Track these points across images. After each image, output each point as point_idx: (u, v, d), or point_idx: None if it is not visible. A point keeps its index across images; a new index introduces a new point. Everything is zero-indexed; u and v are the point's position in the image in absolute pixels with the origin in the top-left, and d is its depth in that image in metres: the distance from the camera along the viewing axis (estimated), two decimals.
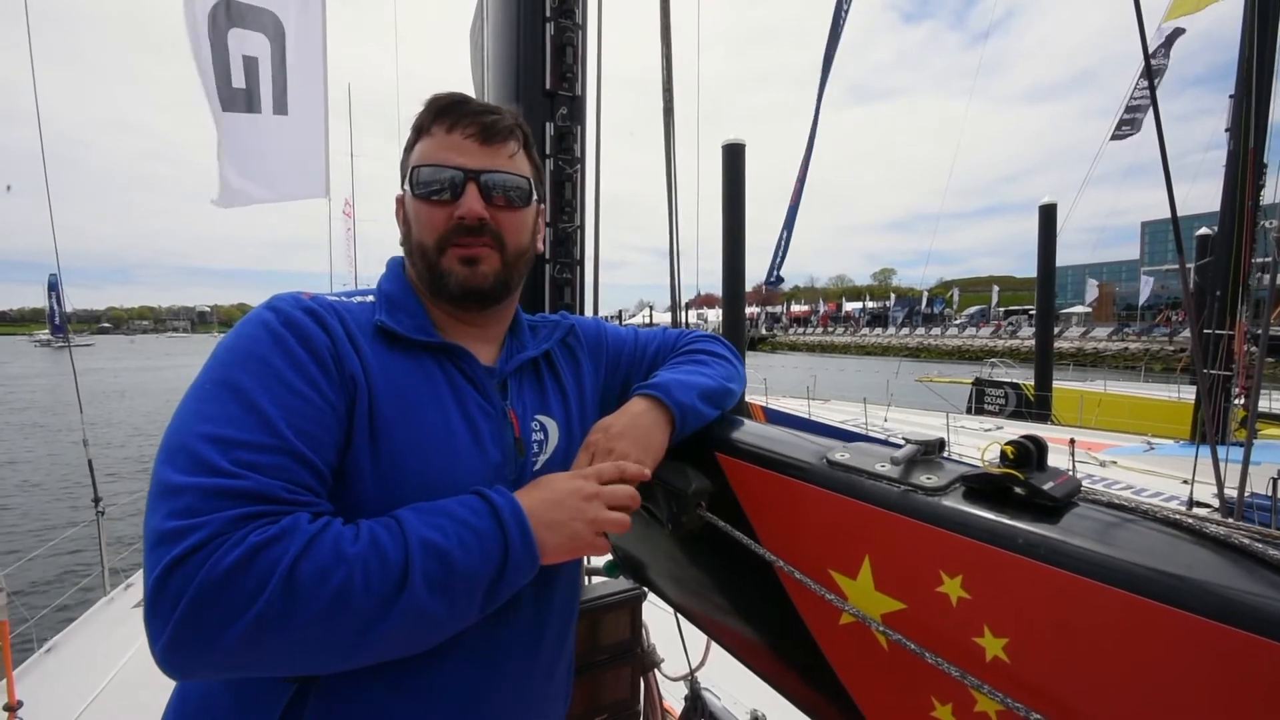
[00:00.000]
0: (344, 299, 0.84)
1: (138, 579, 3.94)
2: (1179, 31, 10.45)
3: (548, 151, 1.43)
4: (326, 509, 0.69)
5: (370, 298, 0.87)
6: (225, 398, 0.68)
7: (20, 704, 2.37)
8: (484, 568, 0.69)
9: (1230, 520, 0.56)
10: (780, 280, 10.09)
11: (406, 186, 0.86)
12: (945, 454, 0.79)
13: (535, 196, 0.92)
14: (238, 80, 3.18)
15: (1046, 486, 0.63)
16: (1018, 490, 0.65)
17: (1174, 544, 0.55)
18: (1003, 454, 0.67)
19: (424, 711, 0.77)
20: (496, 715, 0.84)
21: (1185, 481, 5.72)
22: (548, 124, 1.43)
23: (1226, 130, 7.52)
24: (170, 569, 0.58)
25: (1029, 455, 0.65)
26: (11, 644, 2.57)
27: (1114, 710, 0.54)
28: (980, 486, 0.68)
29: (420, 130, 0.86)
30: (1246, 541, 0.51)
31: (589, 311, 1.56)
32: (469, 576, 0.68)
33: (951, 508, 0.67)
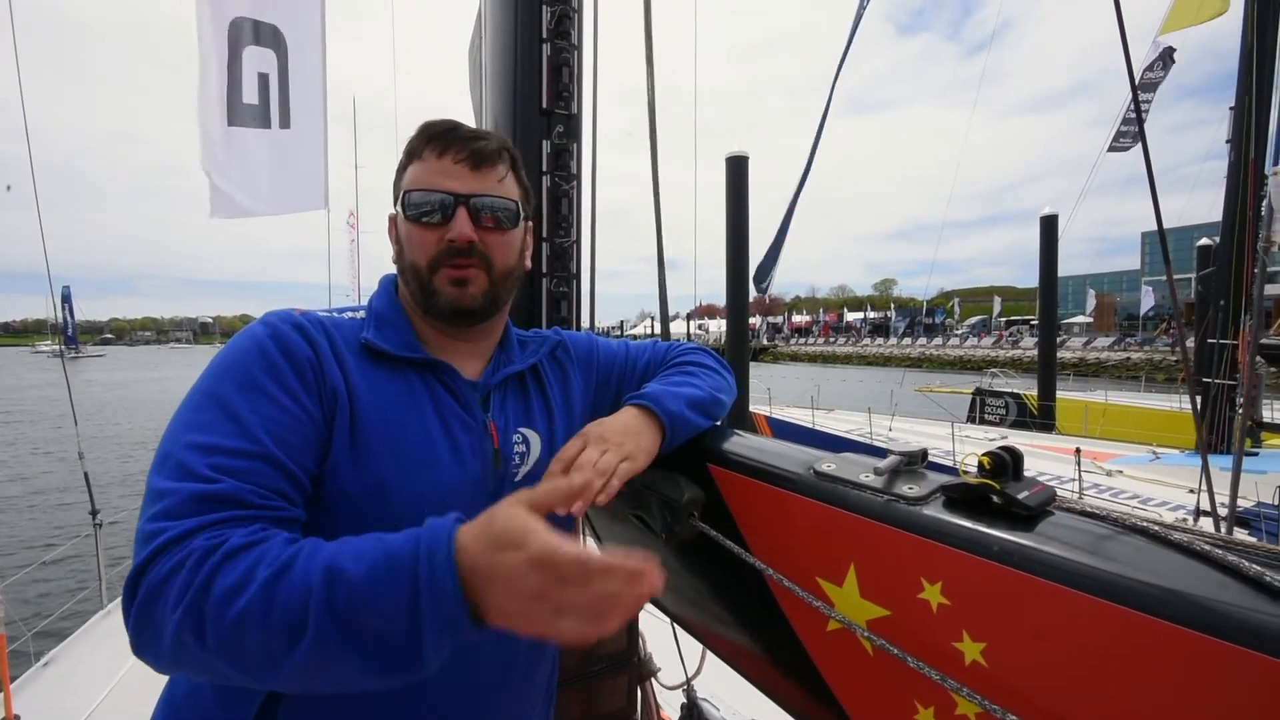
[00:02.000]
0: (335, 315, 0.88)
1: None
2: (1171, 51, 10.53)
3: (544, 168, 1.45)
4: (297, 515, 0.72)
5: (361, 314, 0.91)
6: (210, 407, 0.72)
7: (18, 718, 2.38)
8: (390, 606, 0.58)
9: (1193, 527, 0.58)
10: (766, 288, 10.12)
11: (399, 208, 0.90)
12: (928, 464, 0.82)
13: (523, 217, 0.95)
14: (250, 96, 3.23)
15: (1021, 496, 0.65)
16: (994, 499, 0.67)
17: (1141, 551, 0.57)
18: (980, 464, 0.69)
19: (398, 711, 0.79)
20: (472, 714, 0.85)
21: (1191, 491, 5.71)
22: (544, 142, 1.46)
23: (1227, 141, 7.55)
24: (140, 569, 0.62)
25: (1005, 466, 0.67)
26: (8, 658, 2.57)
27: (1087, 711, 0.56)
28: (959, 496, 0.70)
29: (412, 154, 0.90)
30: (1206, 548, 0.53)
31: (585, 323, 1.59)
32: (370, 613, 0.58)
33: (931, 517, 0.69)
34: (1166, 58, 10.60)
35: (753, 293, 9.95)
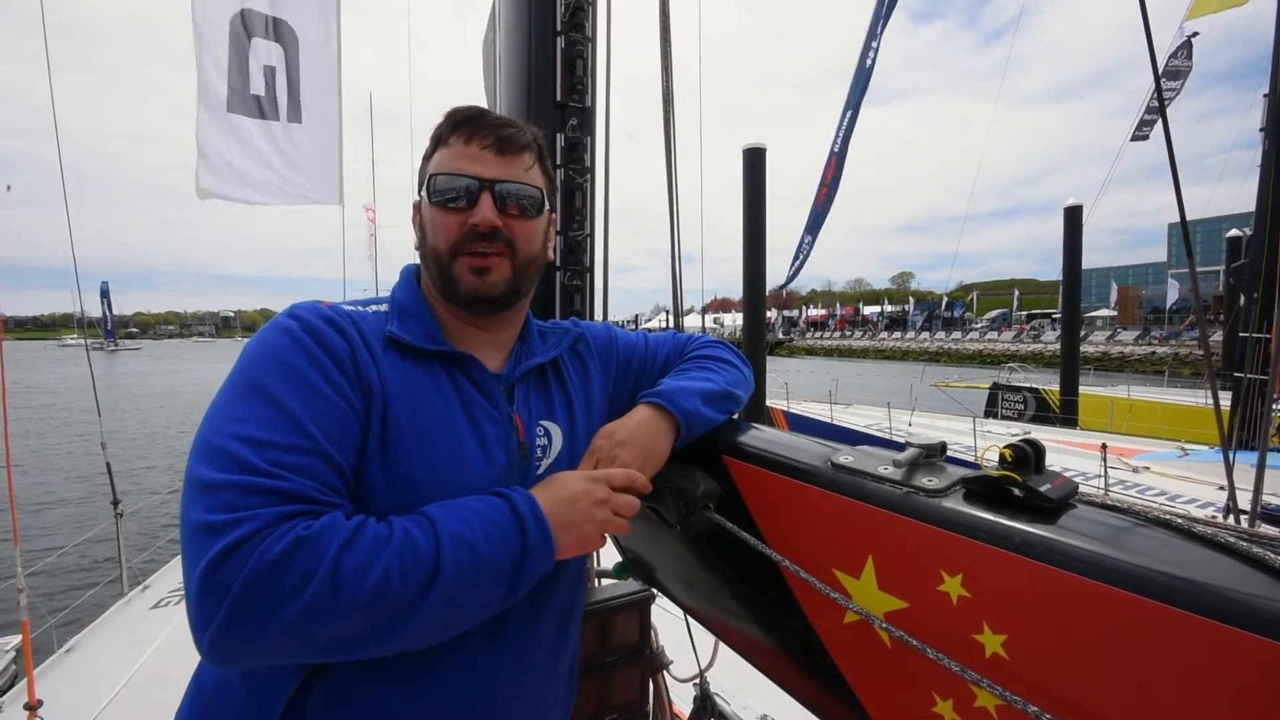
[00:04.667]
0: (360, 309, 0.88)
1: (155, 580, 4.03)
2: (1193, 35, 10.27)
3: (558, 161, 1.45)
4: (351, 509, 0.73)
5: (384, 307, 0.90)
6: (255, 400, 0.71)
7: (41, 703, 2.42)
8: (505, 559, 0.74)
9: (1218, 520, 0.57)
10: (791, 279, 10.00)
11: (424, 193, 0.90)
12: (948, 458, 0.81)
13: (547, 206, 0.95)
14: (256, 87, 3.25)
15: (1043, 488, 0.64)
16: (1016, 492, 0.66)
17: (1165, 543, 0.56)
18: (1001, 457, 0.68)
19: (422, 704, 0.80)
20: (493, 711, 0.86)
21: (1221, 488, 5.61)
22: (558, 135, 1.46)
23: (1261, 130, 7.35)
24: (219, 559, 0.61)
25: (1026, 458, 0.66)
26: (32, 644, 2.63)
27: (1109, 703, 0.55)
28: (979, 488, 0.69)
29: (439, 140, 0.90)
30: (1232, 540, 0.52)
31: (599, 317, 1.59)
32: (493, 567, 0.73)
33: (952, 509, 0.68)
34: (1189, 47, 10.34)
35: (769, 286, 9.89)
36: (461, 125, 0.88)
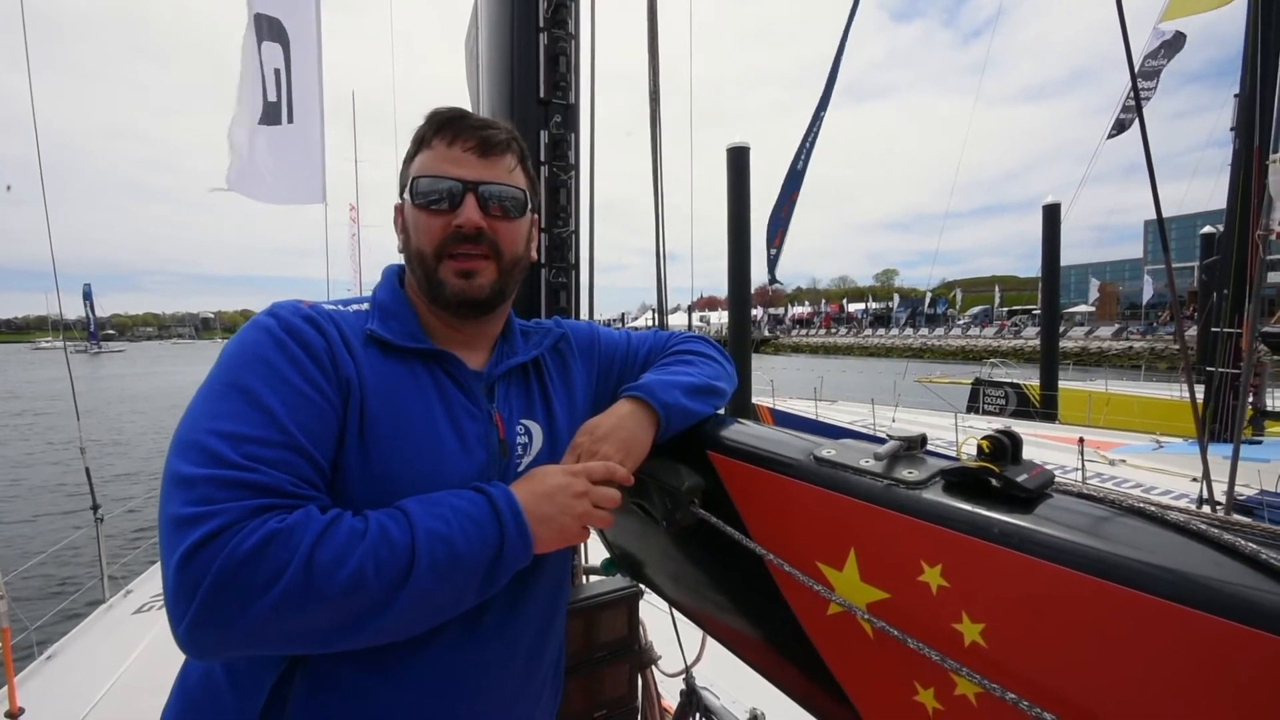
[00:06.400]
0: (340, 308, 0.88)
1: (137, 586, 3.98)
2: (1181, 37, 10.41)
3: (542, 159, 1.45)
4: (327, 503, 0.73)
5: (365, 306, 0.90)
6: (233, 397, 0.72)
7: (22, 711, 2.39)
8: (482, 554, 0.74)
9: (1189, 508, 0.58)
10: (775, 280, 10.09)
11: (406, 196, 0.90)
12: (928, 451, 0.82)
13: (530, 207, 0.95)
14: (271, 94, 3.27)
15: (1020, 479, 0.65)
16: (993, 483, 0.67)
17: (1139, 531, 0.57)
18: (979, 448, 0.69)
19: (402, 693, 0.81)
20: (474, 701, 0.86)
21: (1195, 479, 5.73)
22: (542, 132, 1.45)
23: (1232, 129, 7.49)
24: (191, 552, 0.62)
25: (1004, 449, 0.67)
26: (12, 651, 2.59)
27: (1083, 689, 0.56)
28: (958, 480, 0.70)
29: (421, 142, 0.90)
30: (1203, 527, 0.53)
31: (584, 314, 1.59)
32: (469, 562, 0.73)
33: (931, 500, 0.70)
34: (1172, 44, 10.49)
35: (755, 284, 9.94)
36: (443, 127, 0.88)
